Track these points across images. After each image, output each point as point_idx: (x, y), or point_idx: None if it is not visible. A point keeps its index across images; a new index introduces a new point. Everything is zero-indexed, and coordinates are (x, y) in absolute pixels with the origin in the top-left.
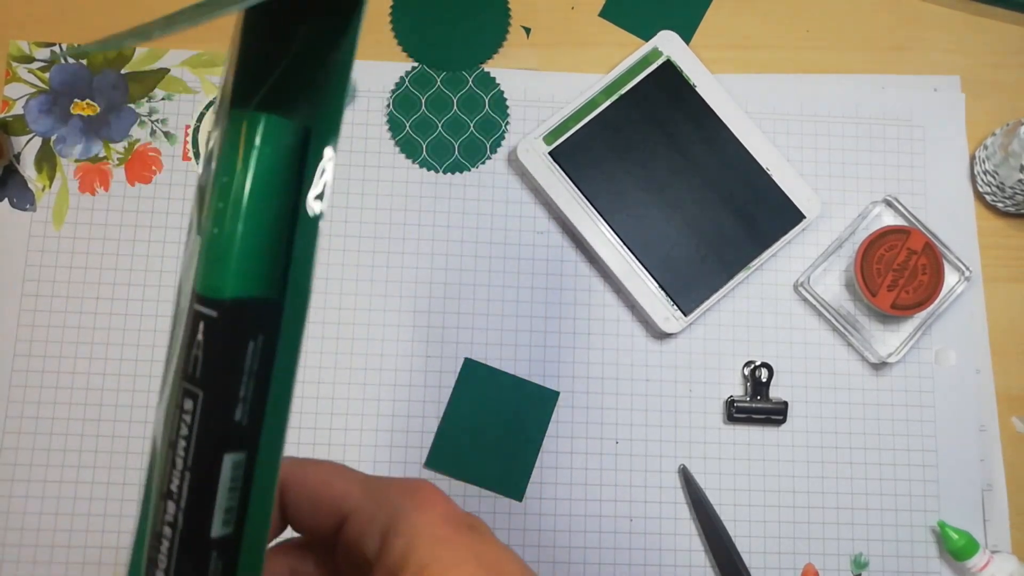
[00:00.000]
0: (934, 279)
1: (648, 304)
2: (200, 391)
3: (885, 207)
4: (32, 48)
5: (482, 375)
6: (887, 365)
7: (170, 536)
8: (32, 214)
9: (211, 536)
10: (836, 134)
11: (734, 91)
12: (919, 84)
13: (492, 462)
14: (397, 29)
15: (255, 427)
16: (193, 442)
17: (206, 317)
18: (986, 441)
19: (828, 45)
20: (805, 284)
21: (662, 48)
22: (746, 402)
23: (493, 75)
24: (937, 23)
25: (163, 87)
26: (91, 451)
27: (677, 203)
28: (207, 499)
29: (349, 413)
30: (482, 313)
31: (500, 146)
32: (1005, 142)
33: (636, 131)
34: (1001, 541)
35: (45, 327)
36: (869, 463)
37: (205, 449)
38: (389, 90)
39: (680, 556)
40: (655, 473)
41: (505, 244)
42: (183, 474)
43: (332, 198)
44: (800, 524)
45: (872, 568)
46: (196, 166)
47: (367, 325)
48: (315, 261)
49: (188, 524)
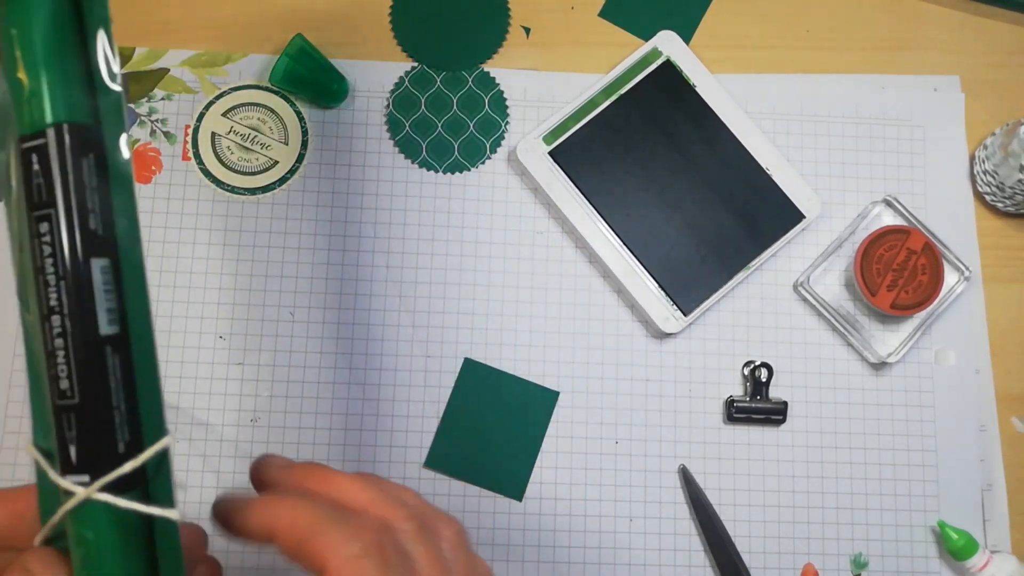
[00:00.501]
0: (934, 279)
1: (648, 304)
2: (51, 209)
3: (885, 207)
4: None
5: (482, 375)
6: (887, 365)
7: (63, 346)
8: None
9: (101, 334)
10: (836, 134)
11: (734, 91)
12: (919, 84)
13: (492, 462)
14: (397, 29)
15: (110, 234)
16: (61, 253)
17: (37, 148)
18: (986, 441)
19: (828, 45)
20: (805, 284)
21: (662, 48)
22: (746, 402)
23: (493, 75)
24: (937, 23)
25: (163, 87)
26: None
27: (677, 203)
28: (87, 299)
29: (349, 413)
30: (482, 313)
31: (500, 146)
32: (1005, 142)
33: (636, 131)
34: (1001, 541)
35: None
36: (869, 463)
37: (73, 256)
38: (389, 90)
39: (680, 556)
40: (655, 473)
41: (505, 244)
42: (58, 284)
43: (260, 143)
44: (800, 524)
45: (872, 568)
46: (196, 166)
47: (367, 325)
48: (122, 109)
49: (77, 325)
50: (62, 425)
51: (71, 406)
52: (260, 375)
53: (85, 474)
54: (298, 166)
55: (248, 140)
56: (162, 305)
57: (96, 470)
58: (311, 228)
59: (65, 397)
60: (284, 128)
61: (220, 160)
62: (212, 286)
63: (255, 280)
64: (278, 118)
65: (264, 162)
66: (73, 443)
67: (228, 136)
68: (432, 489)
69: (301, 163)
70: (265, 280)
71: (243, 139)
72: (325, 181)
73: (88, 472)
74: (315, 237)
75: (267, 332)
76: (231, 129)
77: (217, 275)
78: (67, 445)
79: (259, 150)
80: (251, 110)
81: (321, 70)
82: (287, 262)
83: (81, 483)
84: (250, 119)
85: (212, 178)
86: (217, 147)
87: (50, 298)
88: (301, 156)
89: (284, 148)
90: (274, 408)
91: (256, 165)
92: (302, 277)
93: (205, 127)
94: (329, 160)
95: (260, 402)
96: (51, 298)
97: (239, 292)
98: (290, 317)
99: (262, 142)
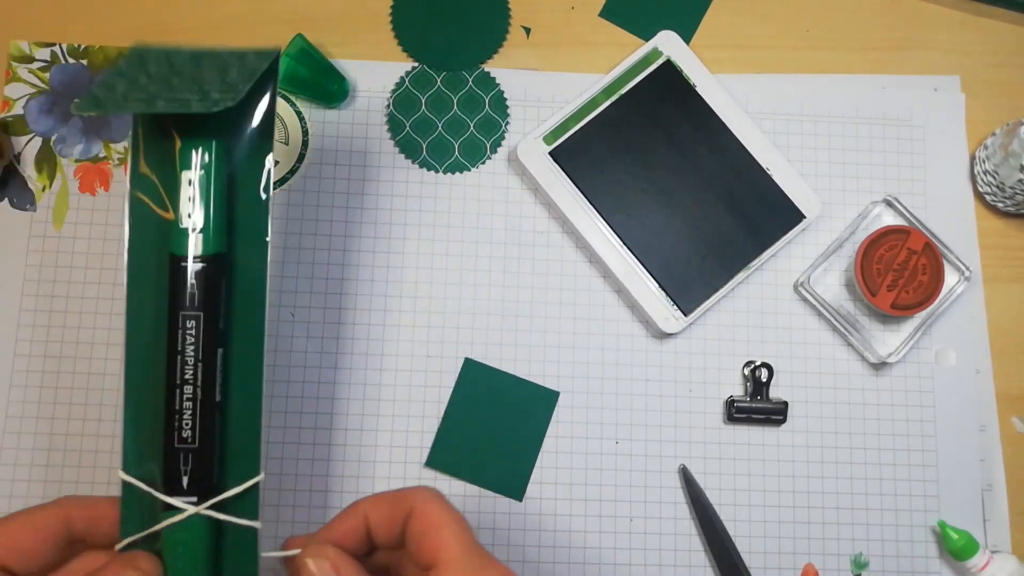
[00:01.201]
0: (934, 279)
1: (648, 304)
2: (200, 312)
3: (885, 207)
4: (32, 48)
5: (482, 375)
6: (887, 365)
7: (191, 408)
8: (32, 214)
9: (216, 401)
10: (836, 134)
11: (734, 91)
12: (919, 84)
13: (492, 462)
14: (397, 29)
15: (228, 331)
16: (199, 344)
17: (198, 268)
18: (986, 441)
19: (828, 45)
20: (805, 284)
21: (662, 48)
22: (746, 402)
23: (493, 75)
24: (937, 23)
25: None
26: (91, 451)
27: (677, 203)
28: (213, 377)
29: (349, 413)
30: (482, 313)
31: (500, 146)
32: (1005, 142)
33: (636, 131)
34: (1001, 541)
35: (45, 327)
36: (869, 463)
37: (209, 347)
38: (389, 90)
39: (680, 556)
40: (655, 473)
41: (505, 244)
42: (195, 365)
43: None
44: (800, 524)
45: (872, 568)
46: None
47: (367, 325)
48: (268, 227)
49: (204, 396)
50: (178, 461)
51: (190, 449)
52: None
53: (193, 496)
54: (298, 166)
55: None
56: None
57: (203, 494)
58: (311, 228)
59: (186, 443)
60: (284, 128)
61: None
62: None
63: None
64: (278, 118)
65: None
66: (187, 474)
67: None
68: None
69: (301, 163)
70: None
71: None
72: (325, 181)
73: (196, 495)
74: (315, 237)
75: (267, 332)
76: None
77: None
78: (180, 476)
79: None
80: None
81: (321, 70)
82: (287, 262)
83: (190, 502)
84: None
85: None
86: None
87: (186, 373)
88: (301, 156)
89: (284, 148)
90: (274, 408)
91: None
92: (302, 277)
93: None
94: (329, 160)
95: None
96: (187, 373)
97: None
98: (290, 317)
99: None
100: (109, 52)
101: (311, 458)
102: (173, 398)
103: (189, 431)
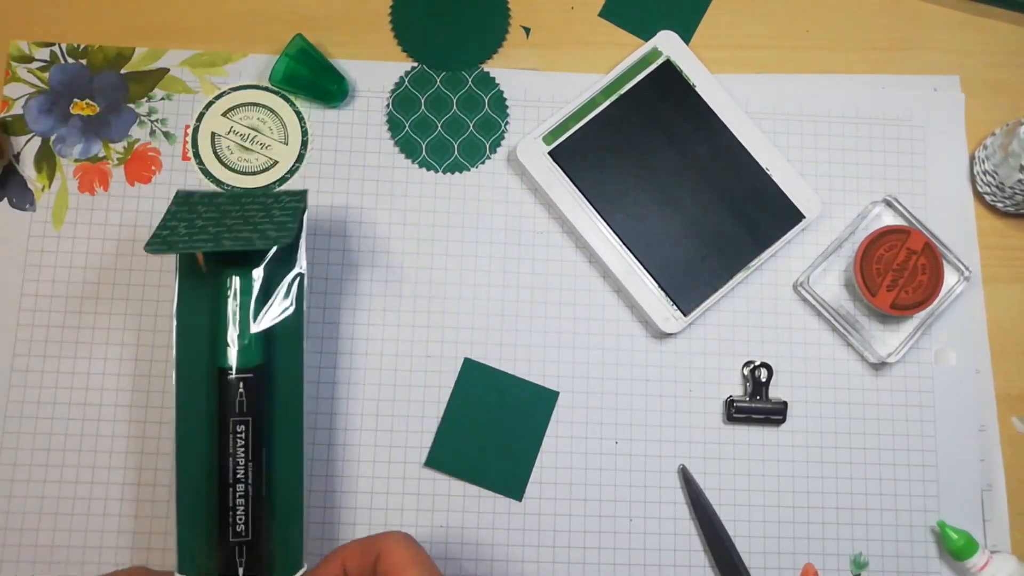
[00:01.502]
0: (934, 279)
1: (648, 304)
2: (249, 418)
3: (885, 207)
4: (32, 48)
5: (482, 375)
6: (887, 365)
7: (243, 504)
8: (32, 214)
9: (263, 495)
10: (836, 134)
11: (734, 91)
12: (919, 84)
13: (492, 462)
14: (397, 29)
15: (271, 432)
16: (250, 447)
17: (245, 379)
18: (986, 441)
19: (828, 45)
20: (805, 284)
21: (662, 48)
22: (746, 402)
23: (493, 75)
24: (937, 23)
25: (163, 87)
26: (91, 451)
27: (677, 203)
28: (260, 473)
29: (349, 413)
30: (482, 313)
31: (500, 146)
32: (1005, 142)
33: (636, 131)
34: (1001, 541)
35: (45, 327)
36: (869, 463)
37: (257, 448)
38: (389, 90)
39: (680, 556)
40: (655, 473)
41: (505, 244)
42: (246, 465)
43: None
44: (800, 524)
45: (872, 568)
46: (196, 166)
47: (367, 325)
48: (303, 343)
49: (254, 492)
50: (234, 554)
51: (244, 541)
52: None
53: None
54: (298, 166)
55: (248, 140)
56: (162, 305)
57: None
58: (311, 228)
59: (240, 536)
60: (284, 128)
61: (220, 160)
62: None
63: None
64: (278, 118)
65: (264, 162)
66: (242, 565)
67: (228, 136)
68: (432, 489)
69: (301, 163)
70: None
71: (243, 139)
72: (325, 181)
73: None
74: (315, 237)
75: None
76: (231, 129)
77: None
78: (237, 568)
79: (259, 150)
80: (251, 110)
81: (321, 70)
82: None
83: None
84: (250, 119)
85: (212, 178)
86: (217, 147)
87: (238, 472)
88: (301, 156)
89: (284, 148)
90: None
91: (256, 165)
92: None
93: (205, 127)
94: (329, 160)
95: None
96: (239, 472)
97: None
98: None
99: (262, 142)
100: (108, 52)
101: (311, 458)
102: (226, 496)
103: (243, 525)
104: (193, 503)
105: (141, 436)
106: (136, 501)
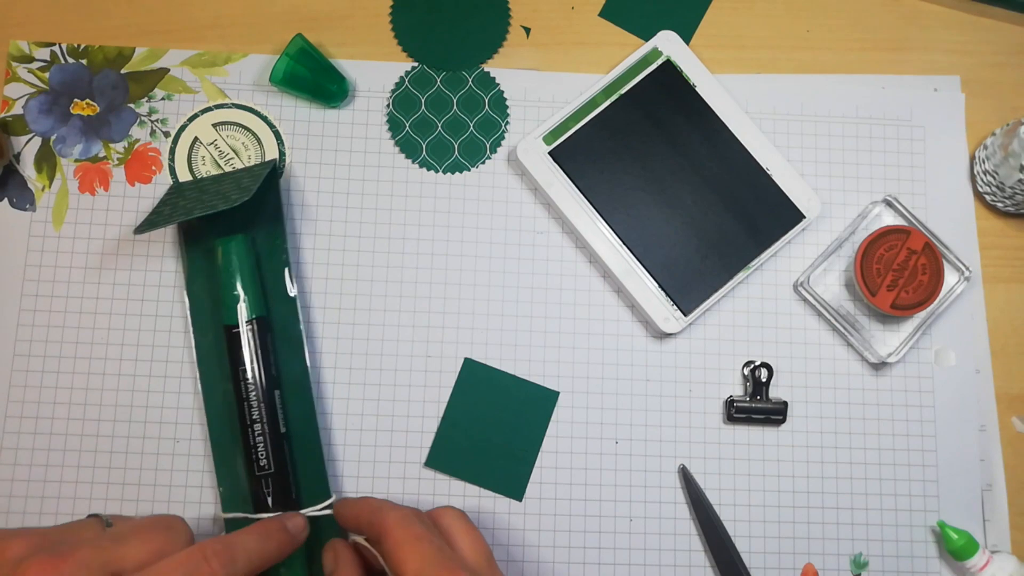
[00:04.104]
0: (934, 279)
1: (648, 304)
2: (255, 364)
3: (885, 207)
4: (32, 48)
5: (482, 375)
6: (887, 365)
7: (263, 441)
8: (32, 214)
9: (280, 432)
10: (836, 134)
11: (734, 91)
12: (919, 84)
13: (492, 462)
14: (397, 29)
15: (279, 376)
16: (260, 388)
17: (248, 329)
18: (986, 441)
19: (828, 45)
20: (805, 284)
21: (662, 48)
22: (746, 402)
23: (493, 75)
24: (937, 23)
25: (163, 87)
26: (91, 451)
27: (677, 203)
28: (275, 414)
29: (349, 413)
30: (482, 313)
31: (500, 146)
32: (1005, 142)
33: (636, 131)
34: (1001, 541)
35: (45, 327)
36: (869, 463)
37: (269, 391)
38: (389, 90)
39: (680, 556)
40: (655, 473)
41: (505, 244)
42: (259, 406)
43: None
44: (800, 524)
45: (872, 568)
46: (164, 160)
47: (367, 325)
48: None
49: (271, 429)
50: (261, 485)
51: (269, 474)
52: None
53: (279, 511)
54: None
55: (224, 159)
56: (162, 305)
57: (283, 508)
58: (311, 228)
59: (264, 470)
60: (259, 145)
61: (190, 165)
62: None
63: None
64: (251, 135)
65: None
66: (270, 495)
67: (209, 147)
68: (432, 489)
69: (281, 174)
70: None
71: (220, 155)
72: (325, 181)
73: (280, 510)
74: (315, 237)
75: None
76: (214, 142)
77: None
78: (265, 498)
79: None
80: (240, 132)
81: (321, 70)
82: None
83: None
84: (235, 140)
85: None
86: (194, 152)
87: (253, 414)
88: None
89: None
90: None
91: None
92: (301, 277)
93: (192, 129)
94: (329, 160)
95: None
96: (254, 414)
97: None
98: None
99: (235, 166)
100: (109, 52)
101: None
102: (247, 435)
103: (265, 460)
104: (224, 455)
105: (142, 436)
106: (136, 501)
